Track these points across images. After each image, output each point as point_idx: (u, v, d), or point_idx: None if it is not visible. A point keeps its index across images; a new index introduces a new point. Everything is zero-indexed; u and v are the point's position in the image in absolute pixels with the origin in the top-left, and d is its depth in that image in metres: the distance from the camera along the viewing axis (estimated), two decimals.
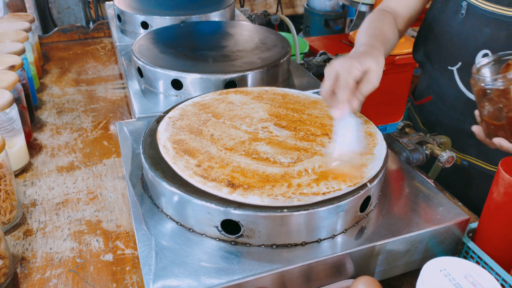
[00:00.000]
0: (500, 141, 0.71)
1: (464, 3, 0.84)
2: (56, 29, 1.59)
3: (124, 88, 1.26)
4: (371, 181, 0.61)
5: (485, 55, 0.82)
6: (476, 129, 0.76)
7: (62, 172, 0.91)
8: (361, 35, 0.83)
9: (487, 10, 0.80)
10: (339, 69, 0.66)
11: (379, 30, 0.85)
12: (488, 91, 0.68)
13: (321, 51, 1.31)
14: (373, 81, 0.68)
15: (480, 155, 0.92)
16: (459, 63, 0.87)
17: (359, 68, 0.66)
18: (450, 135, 0.91)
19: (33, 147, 0.98)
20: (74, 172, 0.90)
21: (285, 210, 0.55)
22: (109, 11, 1.51)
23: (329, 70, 0.68)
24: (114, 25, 1.37)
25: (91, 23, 2.77)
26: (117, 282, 0.66)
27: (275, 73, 0.98)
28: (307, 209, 0.56)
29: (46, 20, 2.48)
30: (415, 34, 2.47)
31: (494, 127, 0.71)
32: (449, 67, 0.89)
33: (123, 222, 0.77)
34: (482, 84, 0.68)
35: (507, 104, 0.67)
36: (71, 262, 0.69)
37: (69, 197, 0.83)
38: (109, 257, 0.70)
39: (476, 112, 0.75)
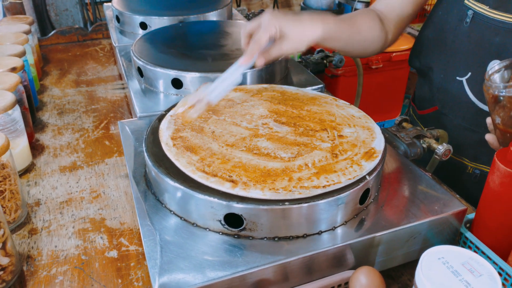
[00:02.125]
0: None
1: (469, 12, 0.82)
2: (54, 31, 1.60)
3: (123, 88, 1.27)
4: (370, 174, 0.62)
5: None
6: (490, 137, 0.74)
7: (65, 171, 0.92)
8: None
9: (495, 19, 0.78)
10: (263, 21, 0.70)
11: (350, 19, 0.86)
12: (501, 98, 0.66)
13: (318, 49, 1.33)
14: (283, 48, 0.70)
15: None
16: (469, 74, 0.85)
17: (277, 28, 0.69)
18: (461, 144, 0.89)
19: (36, 148, 0.99)
20: (77, 172, 0.92)
21: (286, 203, 0.57)
22: (108, 12, 1.52)
23: (260, 17, 0.71)
24: (112, 26, 1.39)
25: (89, 24, 2.77)
26: (122, 278, 0.67)
27: (274, 71, 0.99)
28: (308, 202, 0.57)
29: (44, 22, 2.49)
30: (411, 31, 2.49)
31: (510, 135, 0.69)
32: (457, 78, 0.87)
33: (126, 219, 0.78)
34: (495, 91, 0.66)
35: None
36: (76, 259, 0.70)
37: (73, 196, 0.84)
38: (113, 253, 0.71)
39: (488, 120, 0.73)
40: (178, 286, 0.52)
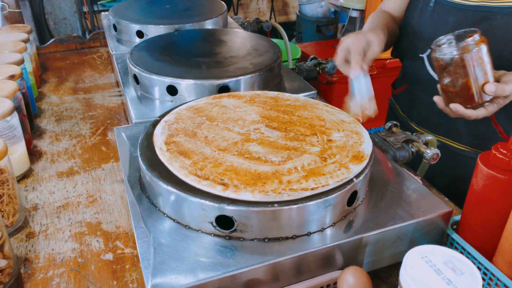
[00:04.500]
0: (456, 107, 0.80)
1: None
2: (53, 39, 1.62)
3: (120, 95, 1.29)
4: (357, 176, 0.64)
5: None
6: (437, 98, 0.85)
7: (62, 177, 0.93)
8: (365, 27, 1.04)
9: (450, 1, 0.91)
10: (349, 42, 0.89)
11: (379, 22, 1.04)
12: (447, 63, 0.76)
13: (311, 56, 1.35)
14: (375, 49, 0.89)
15: (450, 134, 1.01)
16: (428, 50, 0.97)
17: (363, 39, 0.89)
18: (423, 117, 1.02)
19: (34, 154, 1.01)
20: (74, 177, 0.93)
21: (276, 205, 0.59)
22: (105, 21, 1.54)
23: (341, 44, 0.91)
24: (110, 34, 1.41)
25: (87, 33, 2.80)
26: (117, 280, 0.69)
27: (267, 78, 1.01)
28: (297, 204, 0.59)
29: (43, 31, 2.51)
30: None
31: (451, 94, 0.80)
32: (420, 55, 1.00)
33: (122, 223, 0.80)
34: (440, 56, 0.77)
35: (462, 72, 0.76)
36: (72, 261, 0.72)
37: (70, 201, 0.86)
38: (109, 256, 0.73)
39: (438, 86, 0.83)
40: (171, 286, 0.54)
